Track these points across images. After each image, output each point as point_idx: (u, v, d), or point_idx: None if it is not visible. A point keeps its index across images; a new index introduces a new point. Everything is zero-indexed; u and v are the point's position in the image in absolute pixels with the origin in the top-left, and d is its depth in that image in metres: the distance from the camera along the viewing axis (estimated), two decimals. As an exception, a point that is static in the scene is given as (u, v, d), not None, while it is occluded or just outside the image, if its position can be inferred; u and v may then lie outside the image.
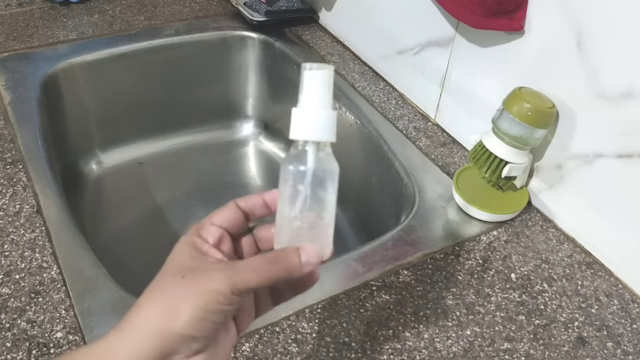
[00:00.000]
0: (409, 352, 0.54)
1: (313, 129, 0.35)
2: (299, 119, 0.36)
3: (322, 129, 0.35)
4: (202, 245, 0.36)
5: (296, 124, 0.36)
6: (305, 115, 0.36)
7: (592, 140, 0.63)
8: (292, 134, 0.36)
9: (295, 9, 1.02)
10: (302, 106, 0.36)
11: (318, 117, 0.35)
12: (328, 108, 0.36)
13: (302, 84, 0.36)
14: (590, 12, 0.59)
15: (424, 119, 0.85)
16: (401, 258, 0.63)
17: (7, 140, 0.73)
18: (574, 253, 0.67)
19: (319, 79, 0.35)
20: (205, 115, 1.05)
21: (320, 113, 0.35)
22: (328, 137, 0.36)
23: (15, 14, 0.99)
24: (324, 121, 0.36)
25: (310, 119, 0.36)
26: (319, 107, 0.35)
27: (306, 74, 0.35)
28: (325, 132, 0.35)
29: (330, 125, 0.36)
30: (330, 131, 0.36)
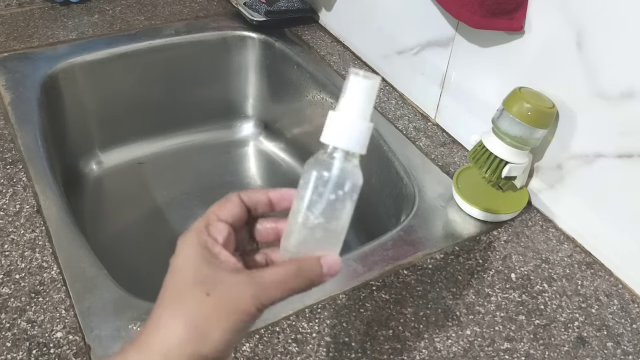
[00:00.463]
0: (409, 352, 0.54)
1: (346, 137, 0.34)
2: (334, 123, 0.35)
3: (356, 139, 0.34)
4: (213, 246, 0.34)
5: (330, 128, 0.35)
6: (341, 122, 0.34)
7: (592, 140, 0.63)
8: (324, 137, 0.35)
9: (295, 9, 1.02)
10: (340, 111, 0.35)
11: (353, 126, 0.34)
12: (366, 119, 0.35)
13: (345, 89, 0.35)
14: (590, 12, 0.59)
15: (424, 119, 0.85)
16: (401, 258, 0.63)
17: (7, 140, 0.73)
18: (574, 253, 0.67)
19: (363, 87, 0.34)
20: (205, 115, 1.05)
21: (356, 122, 0.34)
22: (359, 149, 0.35)
23: (15, 14, 0.99)
24: (358, 131, 0.34)
25: (345, 126, 0.34)
26: (356, 117, 0.34)
27: (352, 78, 0.34)
28: (357, 143, 0.34)
29: (364, 137, 0.35)
30: (363, 143, 0.35)
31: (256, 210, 0.38)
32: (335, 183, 0.34)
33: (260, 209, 0.38)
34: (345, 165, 0.35)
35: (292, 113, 1.00)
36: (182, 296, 0.33)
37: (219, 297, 0.32)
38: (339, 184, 0.34)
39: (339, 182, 0.34)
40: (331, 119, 0.35)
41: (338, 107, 0.35)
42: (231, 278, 0.33)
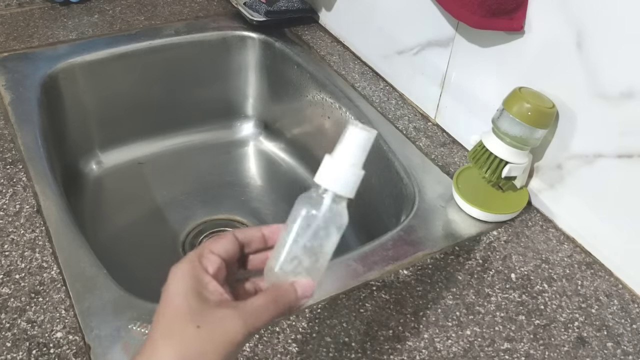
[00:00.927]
0: (409, 352, 0.54)
1: (337, 181, 0.37)
2: (328, 167, 0.38)
3: (346, 184, 0.37)
4: (203, 276, 0.36)
5: (324, 170, 0.38)
6: (335, 166, 0.37)
7: (592, 140, 0.63)
8: (317, 178, 0.38)
9: (295, 9, 1.02)
10: (335, 156, 0.38)
11: (345, 173, 0.37)
12: (357, 167, 0.38)
13: (343, 137, 0.37)
14: (590, 12, 0.59)
15: (424, 119, 0.86)
16: (401, 258, 0.63)
17: (7, 140, 0.73)
18: (574, 253, 0.67)
19: (358, 138, 0.37)
20: (205, 115, 1.05)
21: (348, 170, 0.37)
22: (348, 193, 0.38)
23: (15, 14, 0.99)
24: (349, 178, 0.37)
25: (337, 171, 0.37)
26: (349, 164, 0.37)
27: (350, 129, 0.37)
28: (346, 188, 0.37)
29: (354, 183, 0.38)
30: (352, 188, 0.38)
31: (250, 246, 0.40)
32: (322, 222, 0.38)
33: (254, 245, 0.40)
34: (334, 206, 0.38)
35: (292, 113, 1.00)
36: (174, 328, 0.35)
37: (209, 330, 0.34)
38: (325, 223, 0.38)
39: (325, 222, 0.38)
40: (326, 163, 0.38)
41: (334, 152, 0.38)
42: (219, 312, 0.35)
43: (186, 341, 0.34)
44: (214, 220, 0.93)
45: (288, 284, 0.38)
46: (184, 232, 0.91)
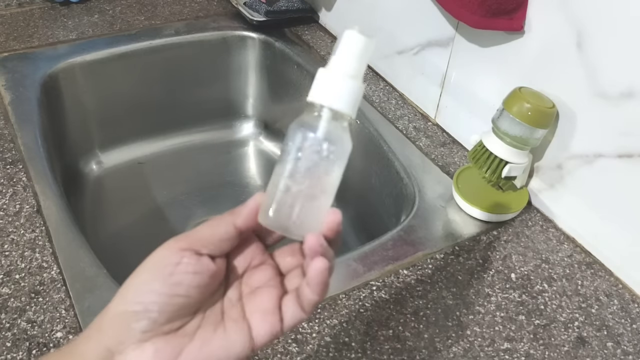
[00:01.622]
0: (409, 352, 0.54)
1: (335, 95, 0.32)
2: (323, 80, 0.32)
3: (346, 98, 0.32)
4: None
5: (318, 85, 0.32)
6: (331, 79, 0.32)
7: (592, 140, 0.63)
8: (311, 96, 0.32)
9: (295, 9, 1.02)
10: (330, 68, 0.32)
11: (344, 85, 0.32)
12: (358, 79, 0.32)
13: (338, 45, 0.32)
14: (590, 12, 0.59)
15: (424, 119, 0.86)
16: (401, 258, 0.63)
17: (7, 140, 0.73)
18: (574, 253, 0.67)
19: (357, 44, 0.32)
20: (205, 115, 1.05)
21: (347, 81, 0.32)
22: (349, 110, 0.32)
23: (15, 14, 0.99)
24: (349, 91, 0.32)
25: (335, 84, 0.32)
26: (348, 75, 0.32)
27: (347, 33, 0.32)
28: (347, 103, 0.32)
29: (354, 97, 0.32)
30: (353, 104, 0.32)
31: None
32: (321, 145, 0.32)
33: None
34: (334, 126, 0.32)
35: (292, 113, 1.00)
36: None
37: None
38: (325, 145, 0.32)
39: (324, 145, 0.32)
40: (320, 76, 0.32)
41: (328, 64, 0.33)
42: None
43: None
44: (213, 220, 0.93)
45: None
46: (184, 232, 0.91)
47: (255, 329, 0.32)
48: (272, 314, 0.32)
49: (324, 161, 0.32)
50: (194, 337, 0.32)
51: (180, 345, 0.31)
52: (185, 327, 0.32)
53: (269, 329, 0.32)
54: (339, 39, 0.32)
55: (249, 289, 0.34)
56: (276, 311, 0.33)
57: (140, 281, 0.32)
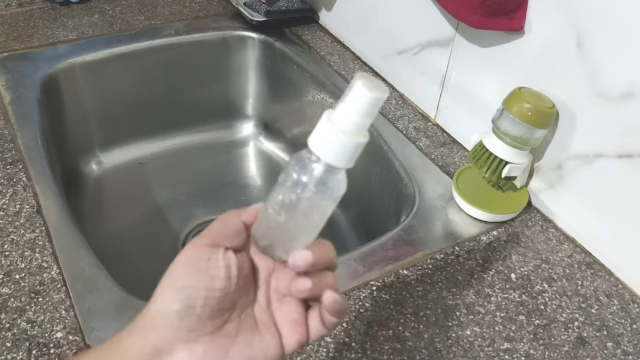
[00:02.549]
0: (409, 352, 0.54)
1: (332, 151, 0.31)
2: (325, 131, 0.31)
3: (342, 156, 0.31)
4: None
5: (319, 134, 0.31)
6: (332, 132, 0.31)
7: (592, 140, 0.63)
8: (311, 142, 0.31)
9: (295, 9, 1.02)
10: (334, 119, 0.31)
11: (343, 142, 0.31)
12: (360, 135, 0.31)
13: (348, 92, 0.31)
14: (590, 12, 0.59)
15: (424, 119, 0.85)
16: (401, 258, 0.63)
17: (7, 140, 0.73)
18: (574, 253, 0.67)
19: (365, 100, 0.30)
20: (205, 115, 1.05)
21: (347, 138, 0.31)
22: (344, 165, 0.32)
23: (15, 14, 0.99)
24: (347, 148, 0.31)
25: (334, 139, 0.31)
26: (350, 131, 0.31)
27: (357, 86, 0.30)
28: (343, 160, 0.31)
29: (352, 153, 0.31)
30: (349, 159, 0.32)
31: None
32: (310, 192, 0.32)
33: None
34: (328, 175, 0.32)
35: (292, 113, 1.00)
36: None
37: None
38: (313, 194, 0.32)
39: (314, 193, 0.32)
40: (323, 125, 0.31)
41: (334, 112, 0.31)
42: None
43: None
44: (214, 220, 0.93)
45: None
46: (184, 232, 0.91)
47: (286, 336, 0.35)
48: (301, 326, 0.35)
49: (313, 206, 0.33)
50: (237, 339, 0.33)
51: (225, 346, 0.33)
52: (226, 327, 0.33)
53: (297, 339, 0.35)
54: (350, 87, 0.31)
55: (277, 295, 0.36)
56: (304, 323, 0.35)
57: (176, 279, 0.33)
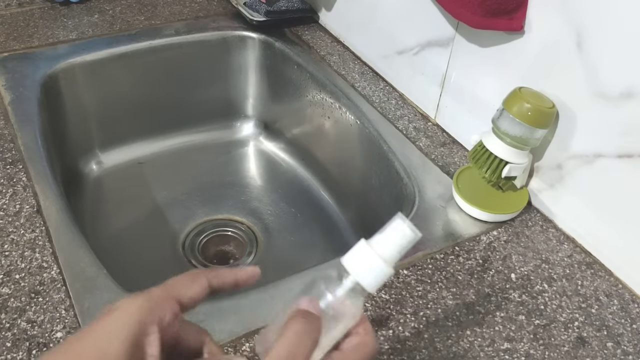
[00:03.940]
0: (409, 352, 0.54)
1: (366, 271, 0.35)
2: (362, 253, 0.35)
3: (374, 277, 0.35)
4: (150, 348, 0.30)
5: (356, 255, 0.35)
6: (370, 256, 0.35)
7: (592, 140, 0.63)
8: (346, 260, 0.35)
9: (295, 9, 1.02)
10: (373, 244, 0.35)
11: (378, 266, 0.35)
12: (390, 265, 0.35)
13: (388, 227, 0.36)
14: (590, 12, 0.59)
15: (424, 119, 0.86)
16: (401, 258, 0.63)
17: (7, 140, 0.73)
18: (574, 253, 0.67)
19: (403, 237, 0.35)
20: (205, 115, 1.05)
21: (381, 264, 0.35)
22: (371, 288, 0.35)
23: (15, 14, 0.99)
24: (379, 272, 0.35)
25: (370, 261, 0.35)
26: (384, 258, 0.35)
27: (397, 223, 0.36)
28: (371, 282, 0.35)
29: (381, 279, 0.35)
30: (376, 284, 0.35)
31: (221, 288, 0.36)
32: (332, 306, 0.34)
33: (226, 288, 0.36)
34: (352, 295, 0.35)
35: (292, 113, 1.00)
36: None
37: None
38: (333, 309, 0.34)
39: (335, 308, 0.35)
40: (361, 248, 0.35)
41: (372, 239, 0.36)
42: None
43: None
44: (214, 220, 0.93)
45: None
46: (184, 232, 0.91)
47: None
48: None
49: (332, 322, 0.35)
50: None
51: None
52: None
53: None
54: (390, 223, 0.36)
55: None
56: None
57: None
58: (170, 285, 0.33)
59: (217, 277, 0.35)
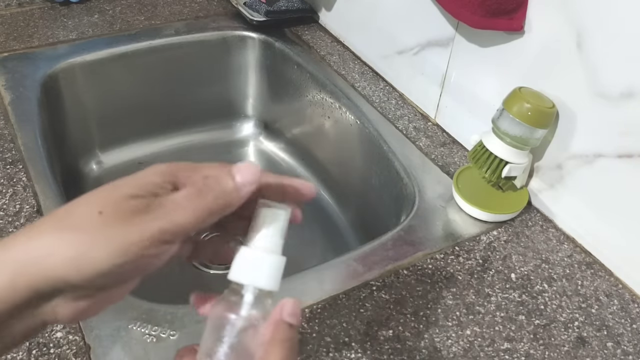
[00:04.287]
0: (409, 352, 0.54)
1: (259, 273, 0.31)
2: (246, 259, 0.32)
3: (269, 274, 0.31)
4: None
5: (240, 264, 0.32)
6: (253, 257, 0.32)
7: (592, 140, 0.63)
8: (232, 275, 0.31)
9: (295, 9, 1.02)
10: (251, 245, 0.32)
11: (265, 262, 0.32)
12: (277, 253, 0.32)
13: (256, 220, 0.32)
14: (590, 12, 0.59)
15: (424, 119, 0.86)
16: (401, 258, 0.63)
17: (7, 140, 0.73)
18: (574, 253, 0.67)
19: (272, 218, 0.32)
20: (205, 115, 1.05)
21: (268, 257, 0.32)
22: (272, 286, 0.32)
23: (15, 14, 0.99)
24: (272, 266, 0.32)
25: (257, 261, 0.31)
26: (269, 251, 0.32)
27: (262, 210, 0.32)
28: (270, 279, 0.31)
29: (277, 271, 0.32)
30: (277, 279, 0.32)
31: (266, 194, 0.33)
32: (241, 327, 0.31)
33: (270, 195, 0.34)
34: (259, 305, 0.31)
35: (292, 113, 1.00)
36: (74, 209, 0.28)
37: (111, 217, 0.27)
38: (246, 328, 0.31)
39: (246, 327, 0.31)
40: (242, 255, 0.32)
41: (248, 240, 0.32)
42: (135, 202, 0.28)
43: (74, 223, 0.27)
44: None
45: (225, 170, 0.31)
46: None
47: None
48: None
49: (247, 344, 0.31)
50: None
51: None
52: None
53: None
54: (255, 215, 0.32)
55: None
56: None
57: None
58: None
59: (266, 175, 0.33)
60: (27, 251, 0.27)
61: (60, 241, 0.27)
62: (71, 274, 0.26)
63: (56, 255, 0.26)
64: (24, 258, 0.26)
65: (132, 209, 0.28)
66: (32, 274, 0.26)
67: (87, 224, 0.27)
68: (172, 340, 0.52)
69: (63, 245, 0.27)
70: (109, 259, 0.27)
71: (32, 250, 0.27)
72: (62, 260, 0.26)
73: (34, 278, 0.26)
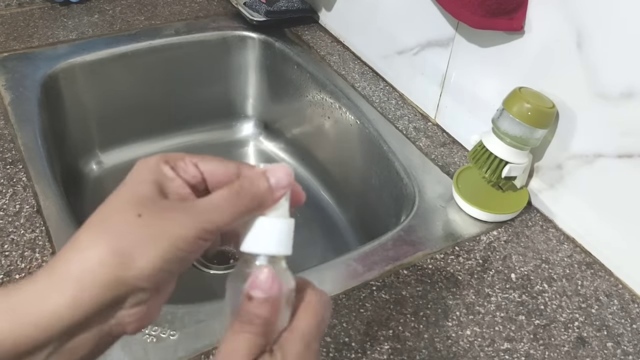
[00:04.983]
0: (409, 352, 0.54)
1: (266, 240, 0.31)
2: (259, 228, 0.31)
3: (277, 240, 0.31)
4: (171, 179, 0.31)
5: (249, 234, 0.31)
6: (258, 225, 0.31)
7: (592, 140, 0.63)
8: (243, 246, 0.31)
9: (295, 9, 1.02)
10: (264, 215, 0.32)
11: (273, 227, 0.31)
12: (285, 216, 0.32)
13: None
14: (590, 12, 0.59)
15: (424, 119, 0.86)
16: (401, 258, 0.63)
17: (7, 140, 0.73)
18: (574, 253, 0.67)
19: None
20: (205, 115, 1.05)
21: (275, 222, 0.31)
22: (284, 250, 0.31)
23: (15, 14, 0.99)
24: (279, 231, 0.31)
25: (264, 228, 0.31)
26: (278, 216, 0.32)
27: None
28: (280, 245, 0.31)
29: (285, 235, 0.31)
30: (284, 243, 0.31)
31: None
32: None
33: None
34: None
35: (292, 113, 1.00)
36: (110, 216, 0.29)
37: (152, 218, 0.28)
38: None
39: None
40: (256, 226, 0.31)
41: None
42: (169, 202, 0.29)
43: (120, 230, 0.28)
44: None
45: (258, 172, 0.32)
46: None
47: None
48: None
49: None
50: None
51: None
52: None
53: None
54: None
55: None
56: None
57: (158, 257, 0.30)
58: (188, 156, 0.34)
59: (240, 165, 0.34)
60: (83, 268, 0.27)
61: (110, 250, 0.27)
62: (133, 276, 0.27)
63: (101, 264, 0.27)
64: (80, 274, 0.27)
65: (167, 208, 0.29)
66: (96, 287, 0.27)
67: (131, 229, 0.28)
68: (172, 340, 0.52)
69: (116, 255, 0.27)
70: (162, 254, 0.28)
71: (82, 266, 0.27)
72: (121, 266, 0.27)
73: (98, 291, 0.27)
